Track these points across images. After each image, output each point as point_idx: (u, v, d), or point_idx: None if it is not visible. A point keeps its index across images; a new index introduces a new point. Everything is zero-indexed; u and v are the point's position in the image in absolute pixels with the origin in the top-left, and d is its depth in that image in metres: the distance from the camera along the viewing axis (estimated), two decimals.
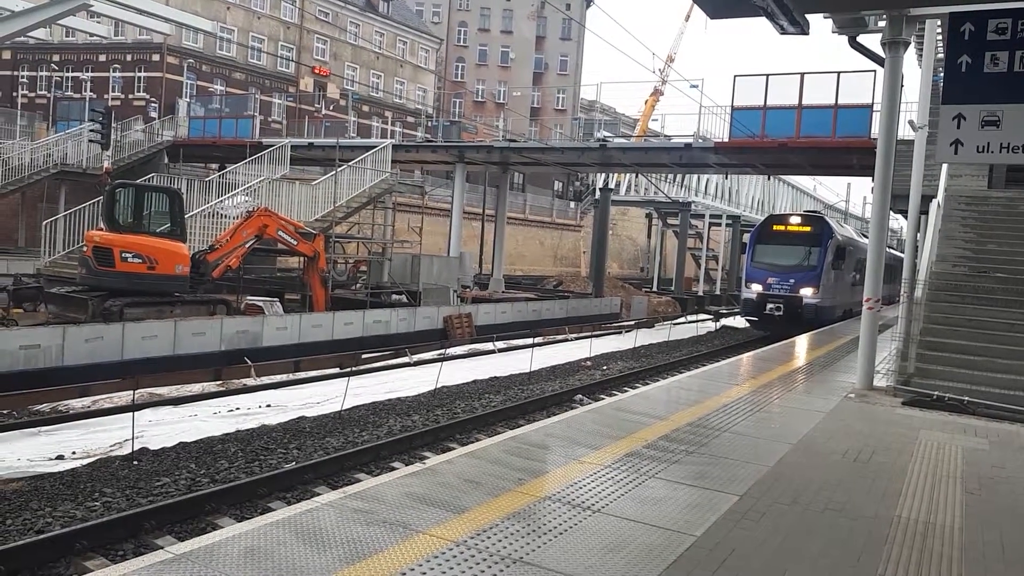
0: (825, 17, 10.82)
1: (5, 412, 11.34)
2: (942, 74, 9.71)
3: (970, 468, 6.89)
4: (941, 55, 13.09)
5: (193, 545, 4.20)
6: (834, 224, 25.44)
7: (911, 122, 16.59)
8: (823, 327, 20.83)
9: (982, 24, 8.92)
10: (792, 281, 22.61)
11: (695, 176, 42.45)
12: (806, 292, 22.33)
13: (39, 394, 12.26)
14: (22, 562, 5.91)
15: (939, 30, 13.79)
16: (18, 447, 9.44)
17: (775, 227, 24.26)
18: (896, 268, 25.55)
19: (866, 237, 24.17)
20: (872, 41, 11.37)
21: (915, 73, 22.74)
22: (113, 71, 47.56)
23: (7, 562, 5.82)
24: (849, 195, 72.66)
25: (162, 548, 4.62)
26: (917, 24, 11.81)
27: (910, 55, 15.86)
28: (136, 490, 7.67)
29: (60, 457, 9.04)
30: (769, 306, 22.75)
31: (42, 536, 6.30)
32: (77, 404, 12.17)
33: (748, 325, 25.70)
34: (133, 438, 9.06)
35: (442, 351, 18.80)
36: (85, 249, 16.64)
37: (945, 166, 15.14)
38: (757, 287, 23.21)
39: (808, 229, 23.40)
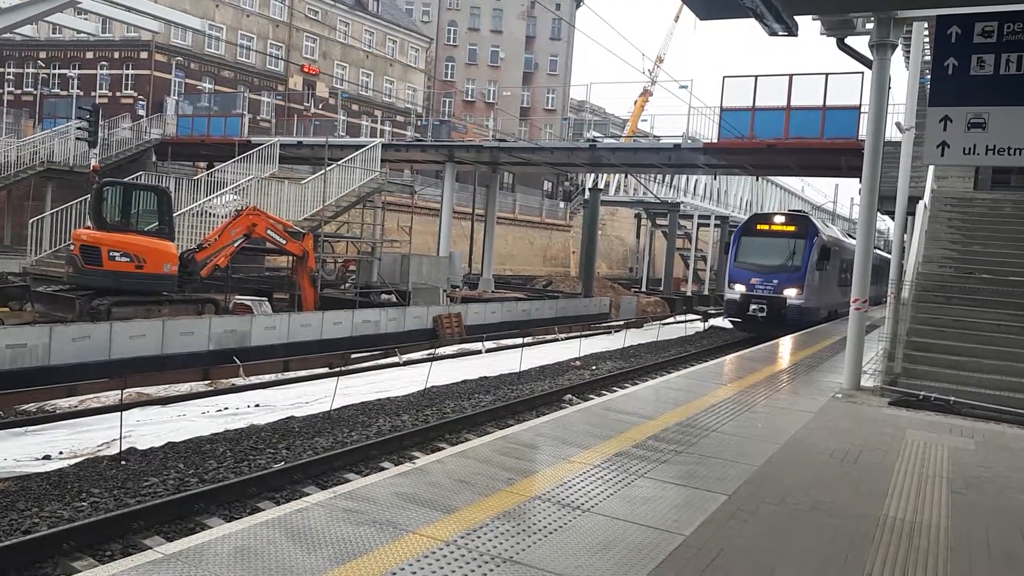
0: (814, 19, 10.89)
1: None
2: (929, 76, 9.80)
3: (956, 468, 6.96)
4: (928, 57, 13.20)
5: (182, 545, 4.20)
6: (819, 224, 25.28)
7: (898, 124, 16.68)
8: (807, 328, 20.81)
9: (969, 27, 9.01)
10: (776, 282, 22.18)
11: (684, 177, 42.63)
12: (790, 293, 21.97)
13: (26, 394, 12.17)
14: (9, 563, 5.88)
15: (926, 33, 13.90)
16: (4, 447, 9.37)
17: (759, 226, 23.72)
18: (883, 269, 25.59)
19: (852, 237, 24.29)
20: (860, 43, 11.47)
21: (902, 75, 22.94)
22: (101, 68, 47.27)
23: None
24: (837, 196, 73.11)
25: (151, 548, 4.60)
26: (904, 26, 11.90)
27: (898, 57, 15.95)
28: (124, 490, 7.63)
29: (47, 457, 8.99)
30: (752, 307, 22.31)
31: (29, 536, 6.26)
32: (64, 404, 12.09)
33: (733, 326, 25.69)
34: (121, 438, 9.01)
35: (432, 351, 18.79)
36: (72, 248, 16.54)
37: (932, 167, 15.25)
38: (740, 287, 22.72)
39: (792, 228, 22.91)
